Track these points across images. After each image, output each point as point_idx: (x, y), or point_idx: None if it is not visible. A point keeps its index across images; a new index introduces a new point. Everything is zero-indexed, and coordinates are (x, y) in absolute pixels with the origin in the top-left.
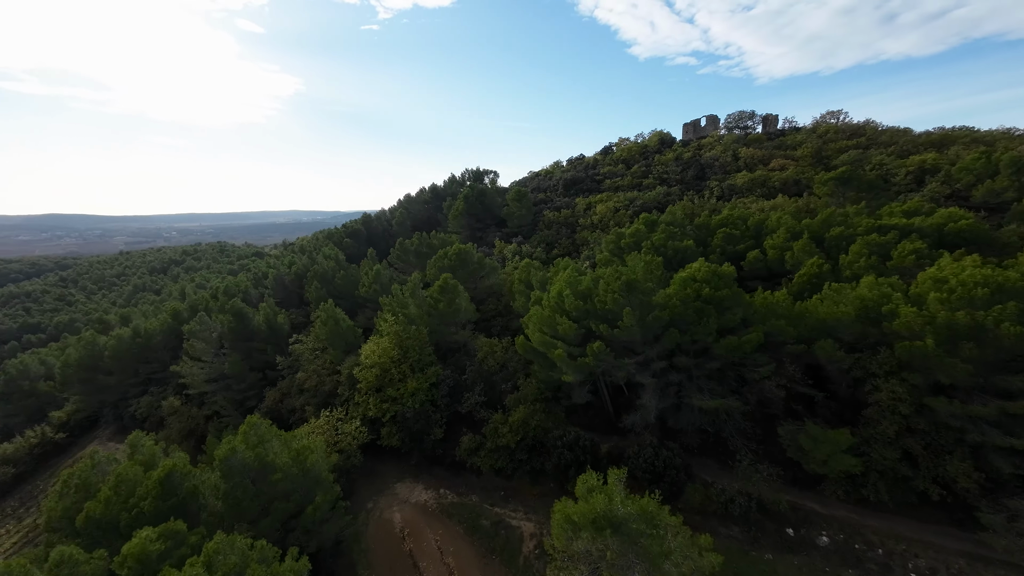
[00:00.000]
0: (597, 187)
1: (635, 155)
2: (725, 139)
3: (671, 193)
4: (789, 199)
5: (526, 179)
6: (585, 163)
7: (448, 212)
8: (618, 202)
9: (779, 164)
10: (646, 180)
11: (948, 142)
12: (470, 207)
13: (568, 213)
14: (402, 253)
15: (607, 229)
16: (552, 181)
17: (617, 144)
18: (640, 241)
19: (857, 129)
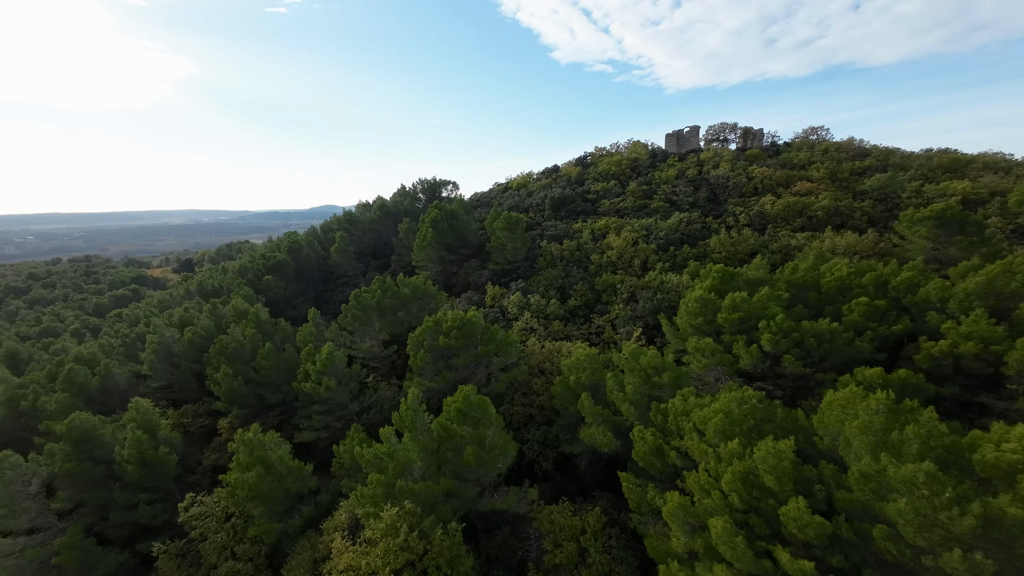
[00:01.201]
0: (592, 208)
1: (625, 170)
2: (725, 154)
3: (691, 220)
4: (837, 233)
5: (492, 193)
6: (567, 177)
7: (404, 235)
8: (632, 231)
9: (805, 187)
10: (652, 202)
11: (958, 166)
12: (440, 235)
13: (572, 245)
14: (358, 310)
15: (631, 269)
16: (534, 199)
17: (593, 154)
18: (748, 319)
19: (861, 150)
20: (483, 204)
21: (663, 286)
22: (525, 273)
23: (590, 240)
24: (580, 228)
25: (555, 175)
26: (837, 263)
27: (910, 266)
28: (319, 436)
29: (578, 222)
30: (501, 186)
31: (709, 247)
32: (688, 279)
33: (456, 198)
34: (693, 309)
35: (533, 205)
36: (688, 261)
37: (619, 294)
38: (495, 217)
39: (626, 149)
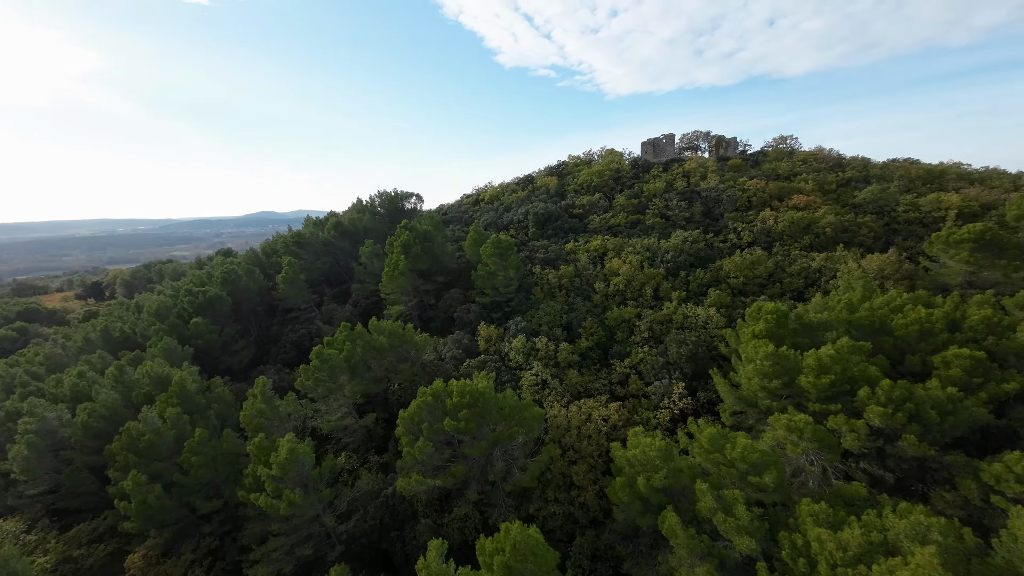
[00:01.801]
0: (581, 225)
1: (608, 181)
2: (710, 165)
3: (694, 239)
4: (858, 253)
5: (463, 207)
6: (545, 189)
7: (367, 260)
8: (634, 253)
9: (802, 201)
10: (645, 218)
11: (932, 177)
12: (414, 261)
13: (571, 271)
14: (322, 372)
15: (642, 298)
16: (514, 215)
17: (568, 164)
18: (840, 382)
19: (837, 160)
20: (454, 219)
21: (688, 321)
22: (520, 306)
23: (589, 264)
24: (574, 249)
25: (530, 186)
26: (896, 298)
27: (980, 300)
28: (281, 572)
29: (569, 242)
30: (471, 198)
31: (722, 270)
32: (716, 314)
33: (426, 214)
34: (765, 369)
35: (514, 221)
36: (707, 289)
37: (637, 331)
38: (477, 239)
39: (600, 158)
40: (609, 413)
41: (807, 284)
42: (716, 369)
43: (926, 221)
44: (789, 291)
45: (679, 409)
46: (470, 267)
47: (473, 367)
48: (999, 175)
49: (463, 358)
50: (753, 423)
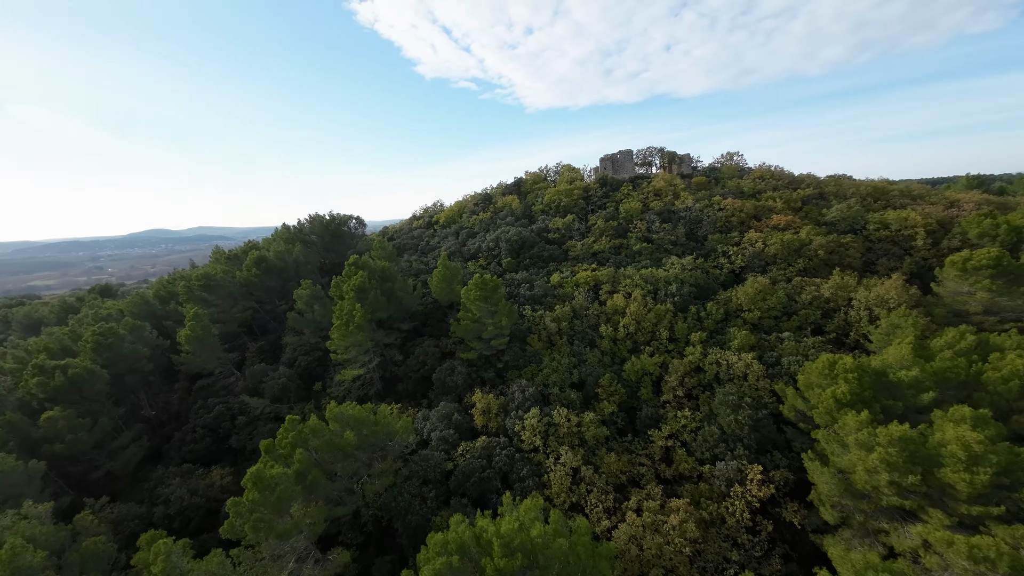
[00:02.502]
0: (561, 252)
1: (578, 200)
2: (678, 184)
3: (693, 266)
4: (846, 275)
5: (416, 232)
6: (510, 210)
7: (305, 306)
8: (633, 286)
9: (782, 221)
10: (628, 241)
11: (881, 194)
12: (373, 308)
13: (567, 312)
14: (265, 507)
15: (657, 341)
16: (482, 242)
17: (526, 181)
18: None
19: (792, 177)
20: (408, 247)
21: (722, 372)
22: (515, 360)
23: (586, 301)
24: (561, 283)
25: (491, 207)
26: (959, 339)
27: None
28: None
29: (554, 273)
30: (422, 220)
31: (732, 301)
32: (755, 362)
33: (376, 243)
34: (893, 458)
35: (482, 249)
36: (722, 325)
37: (665, 387)
38: (448, 275)
39: (557, 174)
40: (681, 520)
41: (824, 315)
42: (810, 454)
43: (896, 239)
44: (807, 324)
45: (758, 499)
46: (439, 309)
47: (475, 455)
48: (931, 192)
49: (456, 440)
50: (864, 520)
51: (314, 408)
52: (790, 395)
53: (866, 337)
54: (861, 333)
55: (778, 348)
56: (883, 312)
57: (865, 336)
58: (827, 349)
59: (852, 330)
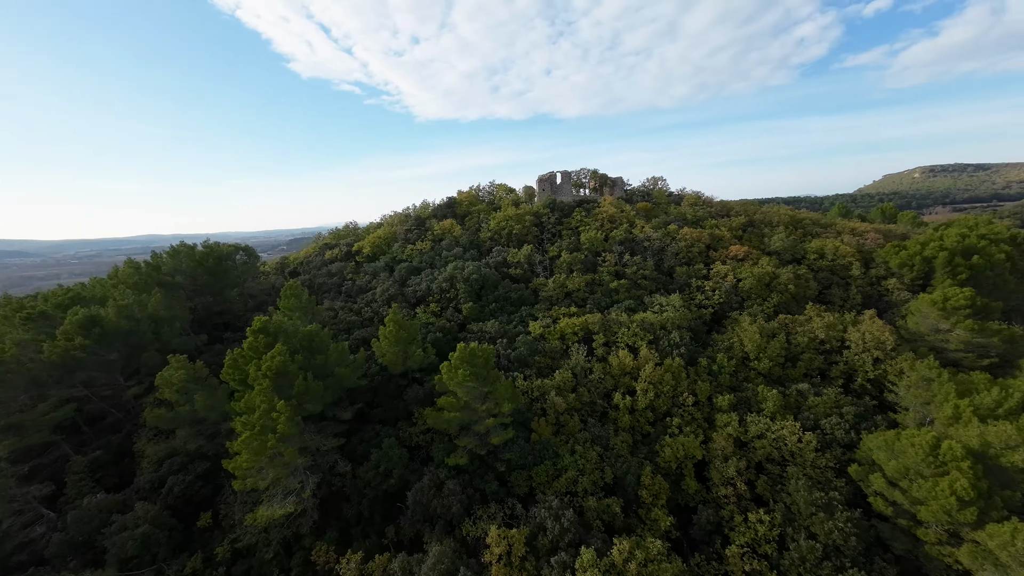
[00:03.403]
0: (530, 292)
1: (530, 227)
2: (627, 211)
3: (682, 306)
4: (816, 309)
5: (325, 265)
6: (452, 239)
7: (178, 394)
8: (630, 336)
9: (741, 251)
10: (600, 276)
11: (796, 222)
12: (302, 395)
13: (568, 381)
14: None
15: (681, 407)
16: (431, 282)
17: (460, 202)
18: None
19: (721, 204)
20: (323, 288)
21: (774, 449)
22: (522, 459)
23: (585, 360)
24: (545, 334)
25: (428, 234)
26: (1016, 395)
27: None
28: None
29: (534, 322)
30: (337, 249)
31: (733, 348)
32: (807, 434)
33: (286, 291)
34: None
35: (433, 291)
36: (735, 377)
37: (714, 471)
38: (403, 336)
39: (490, 193)
40: None
41: (827, 362)
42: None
43: (835, 268)
44: (813, 370)
45: None
46: (390, 380)
47: None
48: (837, 221)
49: None
50: None
51: (202, 568)
52: (878, 483)
53: (878, 385)
54: (868, 379)
55: (805, 405)
56: (879, 353)
57: (877, 384)
58: (850, 402)
59: (858, 375)
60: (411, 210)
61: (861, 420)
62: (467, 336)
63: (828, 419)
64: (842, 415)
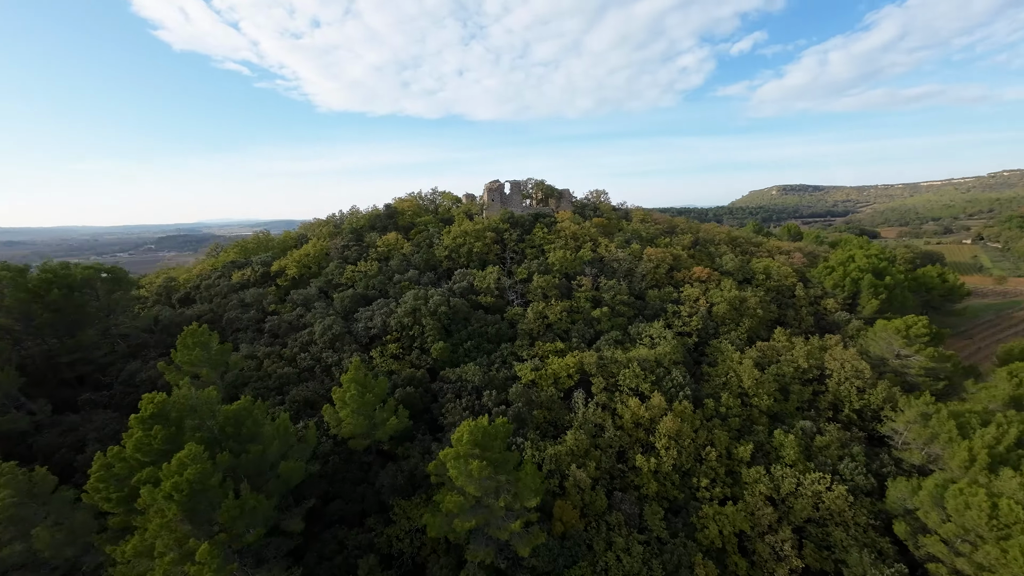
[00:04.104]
0: (507, 325)
1: (491, 245)
2: (588, 228)
3: (670, 339)
4: (784, 333)
5: (231, 292)
6: (402, 256)
7: None
8: (632, 377)
9: (704, 274)
10: (578, 303)
11: (730, 240)
12: (231, 516)
13: (583, 441)
14: None
15: (705, 465)
16: (388, 317)
17: (402, 211)
18: None
19: (670, 223)
20: (237, 325)
21: (821, 503)
22: (551, 564)
23: (592, 413)
24: (537, 380)
25: (372, 251)
26: (1012, 431)
27: None
28: None
29: (520, 364)
30: (248, 271)
31: (729, 383)
32: (838, 486)
33: (190, 339)
34: None
35: (390, 328)
36: (754, 427)
37: (763, 552)
38: (367, 401)
39: (433, 201)
40: None
41: (813, 392)
42: None
43: (781, 289)
44: (803, 403)
45: None
46: (348, 459)
47: None
48: (766, 240)
49: None
50: None
51: None
52: (935, 548)
53: (861, 414)
54: (853, 409)
55: (815, 447)
56: (860, 382)
57: (860, 413)
58: (850, 438)
59: (844, 406)
60: (339, 218)
61: (870, 460)
62: (444, 387)
63: (844, 463)
64: (853, 456)
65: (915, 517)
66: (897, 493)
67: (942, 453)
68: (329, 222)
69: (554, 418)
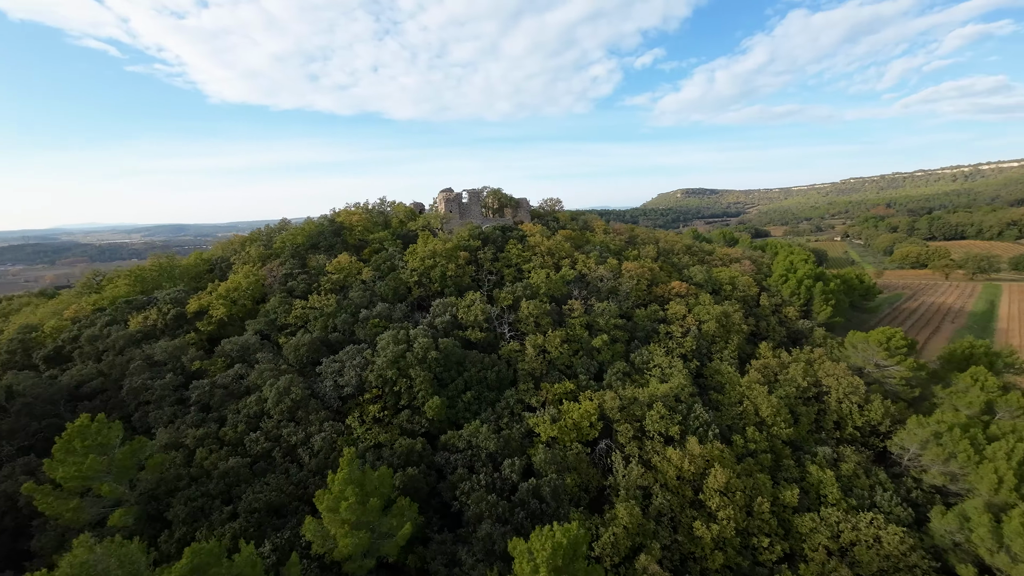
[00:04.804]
0: (504, 365)
1: (464, 266)
2: (561, 242)
3: (681, 369)
4: (772, 348)
5: (124, 339)
6: (367, 287)
7: None
8: (661, 422)
9: (683, 288)
10: (574, 331)
11: (688, 250)
12: None
13: (636, 516)
14: None
15: (758, 519)
16: (368, 368)
17: (350, 227)
18: None
19: (630, 232)
20: (145, 395)
21: (881, 548)
22: None
23: (633, 471)
24: (561, 436)
25: (323, 279)
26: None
27: None
28: None
29: (532, 416)
30: (150, 305)
31: (745, 415)
32: (895, 526)
33: (77, 432)
34: None
35: (369, 384)
36: (781, 461)
37: None
38: (369, 510)
39: (383, 214)
40: None
41: (818, 411)
42: None
43: (746, 299)
44: (811, 424)
45: None
46: None
47: None
48: (715, 247)
49: None
50: None
51: None
52: None
53: (863, 431)
54: (856, 427)
55: (843, 476)
56: (857, 399)
57: (862, 430)
58: (867, 459)
59: (846, 424)
60: (266, 235)
61: (896, 487)
62: (452, 459)
63: (879, 494)
64: (883, 484)
65: (965, 550)
66: (944, 525)
67: (961, 473)
68: (255, 239)
69: (584, 481)
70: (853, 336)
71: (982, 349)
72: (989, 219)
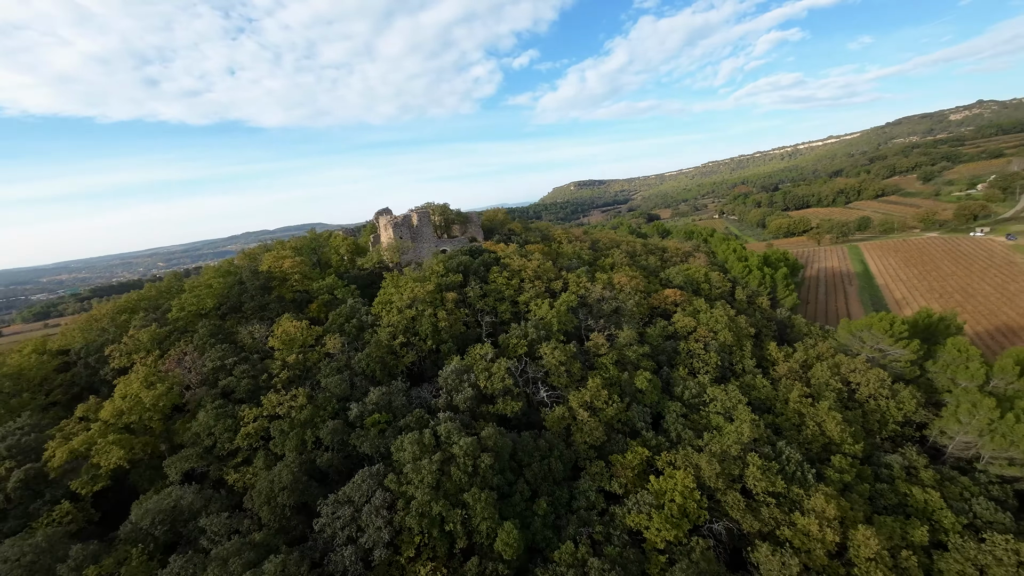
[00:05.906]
0: (558, 442)
1: (453, 309)
2: (537, 260)
3: (745, 403)
4: (776, 348)
5: None
6: (342, 370)
7: None
8: (759, 477)
9: (675, 295)
10: (611, 372)
11: (647, 249)
12: None
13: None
14: None
15: None
16: (383, 520)
17: (287, 275)
18: None
19: (590, 237)
20: None
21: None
22: None
23: (787, 559)
24: (660, 526)
25: (258, 363)
26: None
27: None
28: None
29: (617, 507)
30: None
31: (812, 436)
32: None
33: None
34: None
35: (408, 529)
36: (896, 492)
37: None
38: None
39: (310, 249)
40: None
41: (862, 414)
42: None
43: (723, 295)
44: (819, 444)
45: None
46: None
47: None
48: (671, 244)
49: None
50: None
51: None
52: None
53: (903, 424)
54: (896, 422)
55: (926, 485)
56: (887, 392)
57: (900, 426)
58: (926, 459)
59: (888, 421)
60: (148, 299)
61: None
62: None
63: (976, 502)
64: (968, 490)
65: None
66: None
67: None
68: (135, 307)
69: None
70: (851, 325)
71: (936, 317)
72: (824, 189)
